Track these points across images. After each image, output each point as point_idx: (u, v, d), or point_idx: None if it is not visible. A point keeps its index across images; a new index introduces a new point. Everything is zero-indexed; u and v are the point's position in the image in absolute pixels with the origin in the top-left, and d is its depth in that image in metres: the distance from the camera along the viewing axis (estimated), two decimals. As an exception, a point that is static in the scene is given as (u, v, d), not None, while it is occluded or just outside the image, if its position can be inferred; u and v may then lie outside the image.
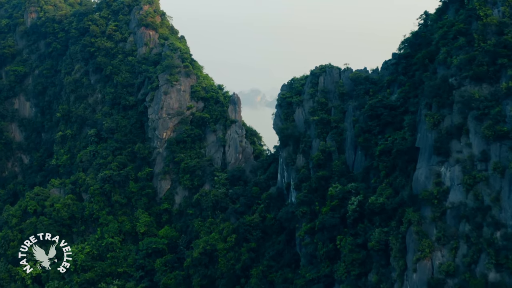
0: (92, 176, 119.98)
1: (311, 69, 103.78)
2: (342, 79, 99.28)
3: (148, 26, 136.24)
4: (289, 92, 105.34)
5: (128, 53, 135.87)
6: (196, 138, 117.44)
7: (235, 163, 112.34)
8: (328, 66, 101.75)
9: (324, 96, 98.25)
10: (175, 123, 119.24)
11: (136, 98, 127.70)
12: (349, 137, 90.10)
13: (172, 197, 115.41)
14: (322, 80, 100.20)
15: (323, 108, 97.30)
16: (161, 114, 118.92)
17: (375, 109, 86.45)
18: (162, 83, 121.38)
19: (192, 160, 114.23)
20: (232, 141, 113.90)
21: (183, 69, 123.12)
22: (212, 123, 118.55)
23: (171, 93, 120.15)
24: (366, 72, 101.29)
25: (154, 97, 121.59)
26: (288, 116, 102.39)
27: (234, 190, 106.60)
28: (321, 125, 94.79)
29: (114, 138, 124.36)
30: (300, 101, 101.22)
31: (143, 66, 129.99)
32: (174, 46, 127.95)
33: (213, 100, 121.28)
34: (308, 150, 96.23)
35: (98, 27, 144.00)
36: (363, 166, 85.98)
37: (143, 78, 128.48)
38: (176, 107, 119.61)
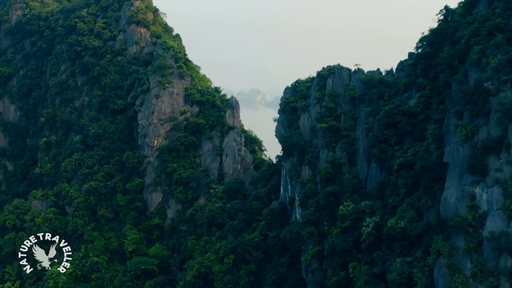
0: (77, 187, 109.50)
1: (317, 70, 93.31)
2: (353, 82, 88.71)
3: (139, 23, 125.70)
4: (293, 96, 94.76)
5: (117, 53, 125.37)
6: (190, 146, 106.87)
7: (233, 174, 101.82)
8: (337, 67, 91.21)
9: (332, 101, 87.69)
10: (167, 130, 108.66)
11: (125, 102, 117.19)
12: (362, 148, 79.73)
13: (164, 211, 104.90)
14: (330, 83, 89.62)
15: (331, 114, 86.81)
16: (152, 120, 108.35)
17: (392, 116, 76.15)
18: (153, 86, 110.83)
19: (186, 171, 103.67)
20: (230, 149, 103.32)
21: (176, 70, 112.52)
22: (208, 129, 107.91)
23: (163, 97, 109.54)
24: (380, 73, 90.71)
25: (144, 101, 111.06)
26: (292, 122, 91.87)
27: (232, 205, 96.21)
28: (330, 133, 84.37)
29: (101, 145, 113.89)
30: (306, 106, 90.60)
31: (133, 67, 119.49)
32: (166, 45, 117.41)
33: (209, 104, 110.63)
34: (315, 162, 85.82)
35: (86, 24, 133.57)
36: (378, 181, 75.71)
37: (133, 80, 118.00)
38: (169, 111, 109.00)
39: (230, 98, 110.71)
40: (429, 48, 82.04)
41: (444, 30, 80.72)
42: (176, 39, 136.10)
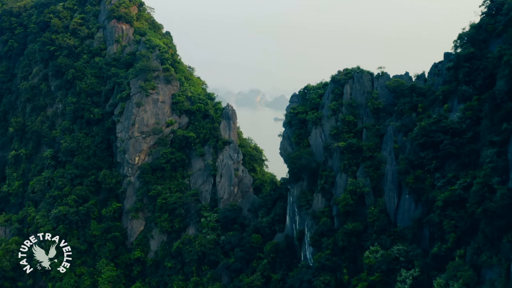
0: (44, 213, 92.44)
1: (332, 74, 76.22)
2: (377, 89, 71.76)
3: (120, 19, 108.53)
4: (302, 106, 77.62)
5: (95, 53, 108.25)
6: (178, 165, 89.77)
7: (229, 199, 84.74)
8: (356, 71, 74.10)
9: (351, 113, 70.77)
10: (150, 144, 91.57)
11: (103, 111, 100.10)
12: (390, 173, 63.03)
13: (146, 242, 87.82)
14: (349, 90, 72.64)
15: (351, 130, 69.93)
16: (132, 133, 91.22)
17: (430, 134, 59.51)
18: (134, 92, 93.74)
19: (172, 195, 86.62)
20: (225, 169, 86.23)
21: (162, 73, 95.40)
22: (199, 144, 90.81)
23: (146, 105, 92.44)
24: (409, 79, 73.64)
25: (124, 110, 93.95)
26: (301, 138, 74.86)
27: (227, 238, 79.32)
28: (349, 153, 67.60)
29: (73, 162, 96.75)
30: (318, 119, 73.61)
31: (112, 69, 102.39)
32: (151, 44, 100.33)
33: (201, 114, 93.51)
34: (329, 189, 69.11)
35: (61, 20, 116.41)
36: (413, 217, 59.32)
37: (112, 85, 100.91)
38: (152, 123, 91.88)
39: (225, 107, 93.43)
40: (472, 47, 65.19)
41: (491, 25, 63.95)
42: (166, 37, 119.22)
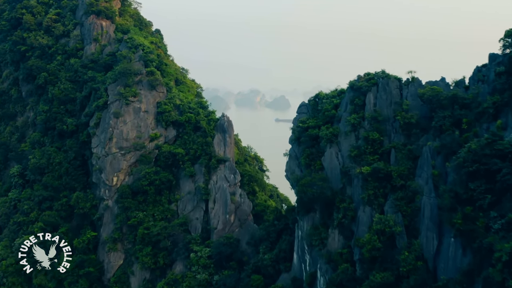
0: (7, 242, 78.39)
1: (350, 80, 61.91)
2: (407, 99, 57.58)
3: (100, 14, 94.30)
4: (313, 119, 63.21)
5: (71, 53, 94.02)
6: (164, 187, 75.59)
7: (224, 229, 70.56)
8: (380, 75, 59.82)
9: (376, 128, 56.57)
10: (131, 162, 77.37)
11: (77, 121, 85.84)
12: (429, 208, 49.21)
13: (126, 279, 73.62)
14: (372, 100, 58.44)
15: (375, 150, 55.82)
16: (109, 148, 77.07)
17: (483, 160, 45.54)
18: (113, 99, 79.56)
19: (157, 223, 72.47)
20: (219, 193, 72.04)
21: (145, 78, 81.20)
22: (189, 162, 76.58)
23: (126, 115, 78.26)
24: (446, 85, 59.34)
25: (100, 121, 79.72)
26: (313, 160, 60.58)
27: (222, 278, 65.19)
28: (374, 181, 53.58)
29: (42, 182, 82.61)
30: (334, 136, 59.37)
31: (89, 72, 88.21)
32: (133, 43, 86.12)
33: (191, 126, 79.27)
34: (349, 225, 55.10)
35: (35, 16, 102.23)
36: (460, 267, 45.35)
37: (88, 90, 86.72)
38: (133, 137, 77.71)
39: (220, 117, 79.05)
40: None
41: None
42: (155, 35, 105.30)
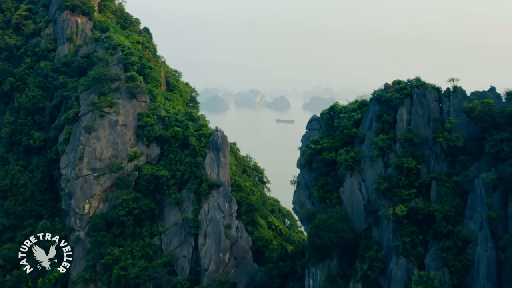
0: (-41, 281, 65.40)
1: (375, 89, 48.96)
2: (449, 114, 44.70)
3: (75, 10, 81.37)
4: (328, 138, 50.05)
5: (41, 55, 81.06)
6: (145, 217, 62.62)
7: (217, 270, 57.53)
8: (414, 84, 46.85)
9: (412, 154, 43.75)
10: (105, 187, 64.35)
11: (45, 135, 72.88)
12: (485, 262, 36.81)
13: (100, 329, 60.73)
14: (405, 116, 45.53)
15: (411, 182, 43.01)
16: (80, 170, 64.08)
17: None
18: (85, 111, 66.59)
19: (136, 262, 59.42)
20: (211, 225, 59.07)
21: (124, 84, 68.23)
22: (175, 188, 63.56)
23: (100, 130, 65.28)
24: (497, 97, 46.38)
25: (70, 136, 66.77)
26: (328, 191, 47.65)
27: (214, 335, 52.24)
28: (412, 225, 40.80)
29: (4, 207, 69.67)
30: (355, 161, 46.44)
31: (60, 78, 75.33)
32: (111, 43, 73.13)
33: (178, 143, 66.26)
34: (377, 279, 42.22)
35: (3, 13, 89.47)
36: None
37: (59, 99, 73.82)
38: (108, 156, 64.70)
39: (213, 132, 65.85)
40: None
41: None
42: (142, 35, 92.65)
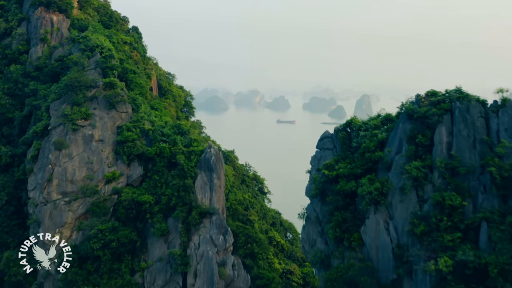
0: None
1: (403, 103, 39.31)
2: (499, 135, 35.09)
3: (50, 6, 71.78)
4: (344, 162, 40.34)
5: (12, 58, 71.42)
6: (124, 251, 53.01)
7: (210, 318, 48.01)
8: (454, 95, 37.23)
9: (455, 186, 34.16)
10: (78, 214, 54.71)
11: (13, 151, 63.18)
12: None
13: None
14: (445, 137, 35.94)
15: (455, 224, 33.38)
16: (48, 193, 54.46)
17: None
18: (55, 124, 56.95)
19: (113, 306, 49.93)
20: (203, 262, 49.49)
21: (102, 92, 58.57)
22: (160, 215, 53.94)
23: (72, 146, 55.65)
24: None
25: (39, 154, 57.11)
26: (346, 230, 37.99)
27: None
28: (458, 281, 31.37)
29: (-36, 235, 60.11)
30: (381, 195, 36.79)
31: (31, 84, 65.71)
32: (88, 44, 63.43)
33: (164, 162, 56.58)
34: None
35: (-27, 10, 79.85)
36: None
37: (29, 109, 64.18)
38: (81, 177, 55.03)
39: (205, 149, 56.06)
40: None
41: None
42: (131, 34, 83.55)
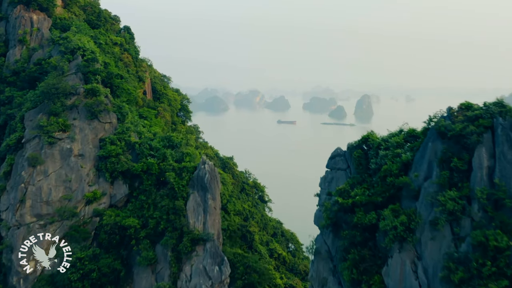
0: None
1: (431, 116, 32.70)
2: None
3: (30, 5, 65.32)
4: (361, 188, 33.78)
5: (-12, 61, 65.01)
6: (106, 282, 46.59)
7: None
8: (494, 109, 30.71)
9: (501, 224, 27.55)
10: (55, 238, 48.34)
11: (-15, 165, 56.79)
12: None
13: None
14: (485, 160, 29.27)
15: (501, 270, 26.73)
16: (21, 216, 48.09)
17: None
18: (30, 136, 50.50)
19: None
20: (195, 296, 43.14)
21: (82, 100, 52.09)
22: (147, 241, 47.41)
23: (48, 162, 49.20)
24: None
25: (11, 171, 50.65)
26: (364, 272, 31.35)
27: None
28: None
29: None
30: (407, 230, 30.17)
31: (6, 91, 59.23)
32: (69, 45, 56.92)
33: (152, 180, 50.07)
34: None
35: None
36: None
37: (3, 119, 57.70)
38: (58, 197, 48.57)
39: (198, 166, 49.43)
40: None
41: None
42: (122, 35, 77.49)
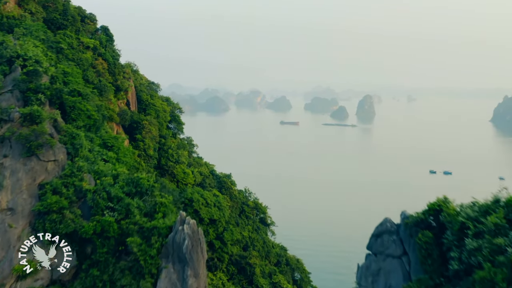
0: None
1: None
2: None
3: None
4: None
5: None
6: None
7: None
8: None
9: None
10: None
11: None
12: None
13: None
14: None
15: None
16: None
17: None
18: None
19: None
20: None
21: (18, 129, 37.58)
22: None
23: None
24: None
25: None
26: None
27: None
28: None
29: None
30: None
31: None
32: (5, 53, 42.14)
33: (110, 245, 35.25)
34: None
35: None
36: None
37: None
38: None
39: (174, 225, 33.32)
40: None
41: None
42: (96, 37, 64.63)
